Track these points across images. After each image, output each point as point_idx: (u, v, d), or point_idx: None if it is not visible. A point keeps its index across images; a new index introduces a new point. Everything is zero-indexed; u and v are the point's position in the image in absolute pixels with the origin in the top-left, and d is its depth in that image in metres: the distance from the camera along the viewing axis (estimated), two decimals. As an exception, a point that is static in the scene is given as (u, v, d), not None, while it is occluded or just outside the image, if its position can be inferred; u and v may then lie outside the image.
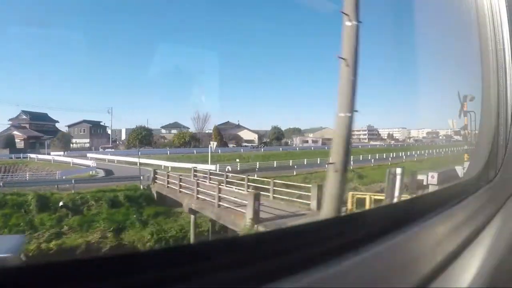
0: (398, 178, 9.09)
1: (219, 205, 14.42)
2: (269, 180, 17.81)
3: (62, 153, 38.89)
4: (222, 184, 18.67)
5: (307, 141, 44.23)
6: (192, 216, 17.75)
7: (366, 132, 58.80)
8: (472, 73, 2.77)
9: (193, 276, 0.74)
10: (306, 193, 14.35)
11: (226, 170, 26.21)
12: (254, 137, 38.62)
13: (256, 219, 10.93)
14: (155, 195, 22.76)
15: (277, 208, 13.67)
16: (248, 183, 19.04)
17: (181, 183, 19.73)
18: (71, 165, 34.21)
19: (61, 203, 19.05)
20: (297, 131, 50.96)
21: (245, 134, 39.48)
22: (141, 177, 23.89)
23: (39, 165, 35.86)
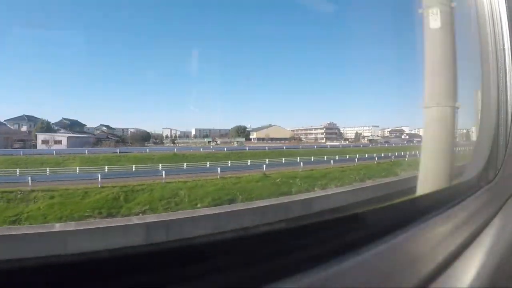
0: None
1: None
2: None
3: None
4: None
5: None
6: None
7: (323, 131, 49.03)
8: (472, 73, 2.76)
9: (193, 276, 0.73)
10: None
11: None
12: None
13: None
14: None
15: None
16: None
17: None
18: None
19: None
20: (242, 130, 44.50)
21: None
22: None
23: None
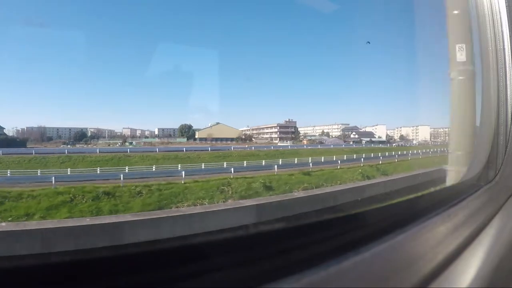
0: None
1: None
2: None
3: None
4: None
5: None
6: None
7: (277, 130, 40.86)
8: (472, 73, 2.76)
9: (193, 276, 0.74)
10: None
11: None
12: None
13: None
14: None
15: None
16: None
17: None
18: None
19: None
20: (186, 129, 41.41)
21: None
22: None
23: None
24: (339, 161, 27.69)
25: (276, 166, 23.40)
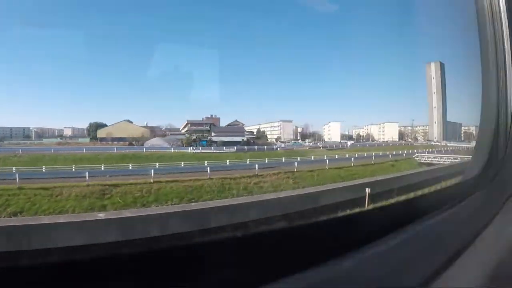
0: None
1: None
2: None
3: None
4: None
5: None
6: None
7: (187, 128, 36.84)
8: (472, 73, 2.76)
9: (193, 276, 0.74)
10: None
11: None
12: None
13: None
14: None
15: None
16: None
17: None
18: None
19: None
20: (93, 128, 36.52)
21: None
22: None
23: None
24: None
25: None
